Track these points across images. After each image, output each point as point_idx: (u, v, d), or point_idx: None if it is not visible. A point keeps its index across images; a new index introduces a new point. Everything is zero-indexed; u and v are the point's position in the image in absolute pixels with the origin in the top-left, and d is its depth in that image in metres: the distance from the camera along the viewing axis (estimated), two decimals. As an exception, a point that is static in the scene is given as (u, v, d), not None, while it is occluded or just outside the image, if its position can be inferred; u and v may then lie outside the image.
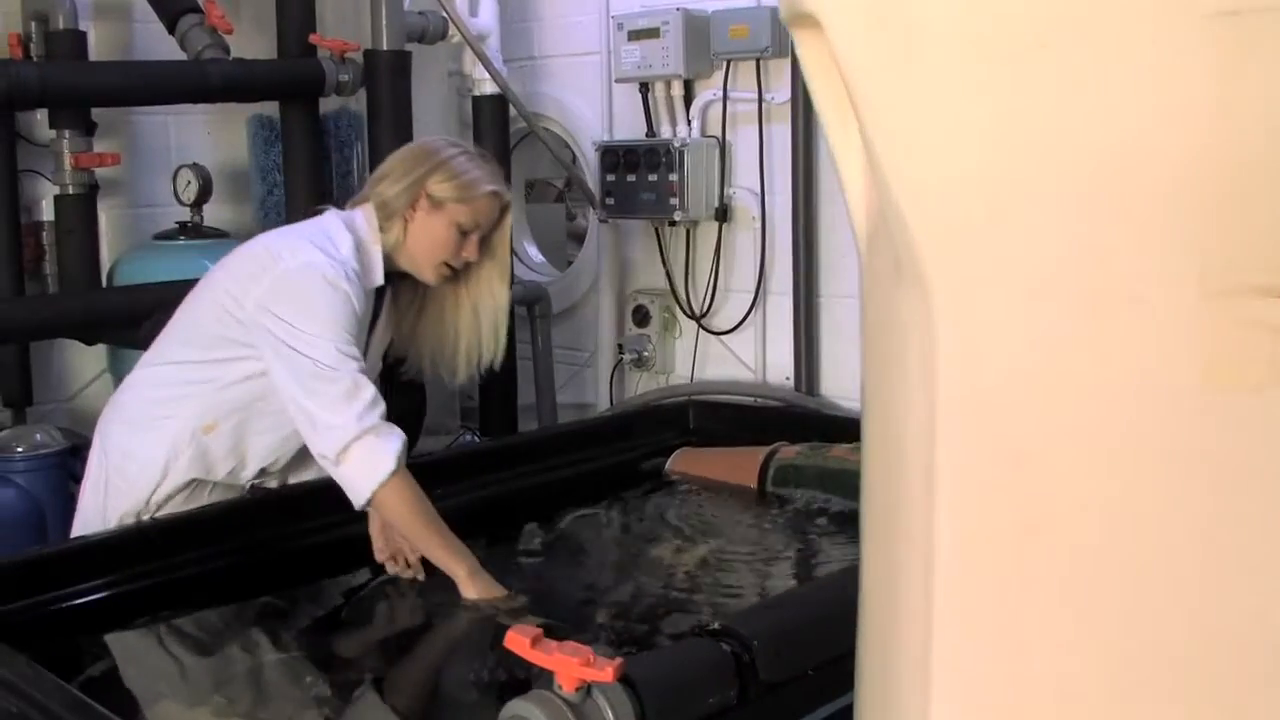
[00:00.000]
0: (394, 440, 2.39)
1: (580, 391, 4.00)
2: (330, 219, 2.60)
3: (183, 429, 2.57)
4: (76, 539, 2.61)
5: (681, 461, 3.36)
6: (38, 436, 3.15)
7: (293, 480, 2.77)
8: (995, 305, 0.93)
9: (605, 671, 1.48)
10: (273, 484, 2.75)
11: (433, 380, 2.97)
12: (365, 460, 2.37)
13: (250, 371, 2.52)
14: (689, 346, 3.79)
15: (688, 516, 3.14)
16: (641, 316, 3.79)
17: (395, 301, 2.74)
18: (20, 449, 3.14)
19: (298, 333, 2.40)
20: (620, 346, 3.79)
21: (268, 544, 2.68)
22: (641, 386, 3.86)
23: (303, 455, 2.66)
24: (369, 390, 2.40)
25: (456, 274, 2.66)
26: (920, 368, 0.97)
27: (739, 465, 3.26)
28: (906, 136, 0.94)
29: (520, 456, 3.22)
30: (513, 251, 2.94)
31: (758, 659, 1.75)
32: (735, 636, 1.79)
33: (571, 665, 1.48)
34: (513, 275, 2.96)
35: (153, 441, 2.58)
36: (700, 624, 1.84)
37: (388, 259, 2.60)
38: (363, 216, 2.59)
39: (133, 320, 3.18)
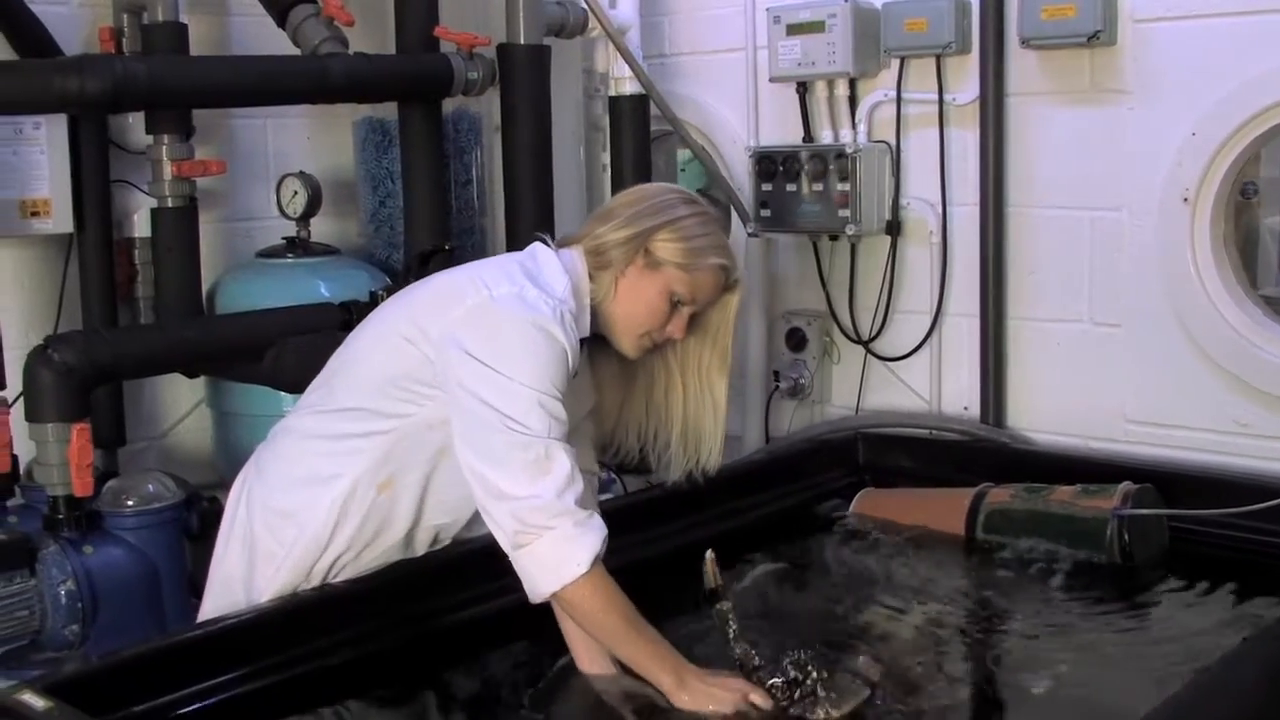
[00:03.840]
0: (592, 533, 2.01)
1: (723, 422, 3.63)
2: (542, 250, 2.22)
3: (355, 488, 2.19)
4: (218, 620, 2.21)
5: (867, 505, 3.01)
6: (150, 487, 2.76)
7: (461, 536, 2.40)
8: None
9: None
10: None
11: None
12: (553, 553, 2.00)
13: (436, 418, 2.13)
14: (847, 373, 3.43)
15: (890, 572, 2.78)
16: (797, 340, 3.43)
17: (593, 369, 2.33)
18: (131, 502, 2.74)
19: (491, 376, 2.01)
20: (776, 374, 3.42)
21: (425, 618, 2.33)
22: (795, 416, 3.49)
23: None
24: (565, 462, 2.01)
25: (659, 349, 2.27)
26: None
27: (939, 509, 2.91)
28: None
29: (679, 506, 2.84)
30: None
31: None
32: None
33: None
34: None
35: (318, 501, 2.21)
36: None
37: (592, 314, 2.21)
38: (573, 258, 2.20)
39: (254, 351, 2.81)
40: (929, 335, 3.26)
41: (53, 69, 2.71)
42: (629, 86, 3.36)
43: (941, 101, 3.17)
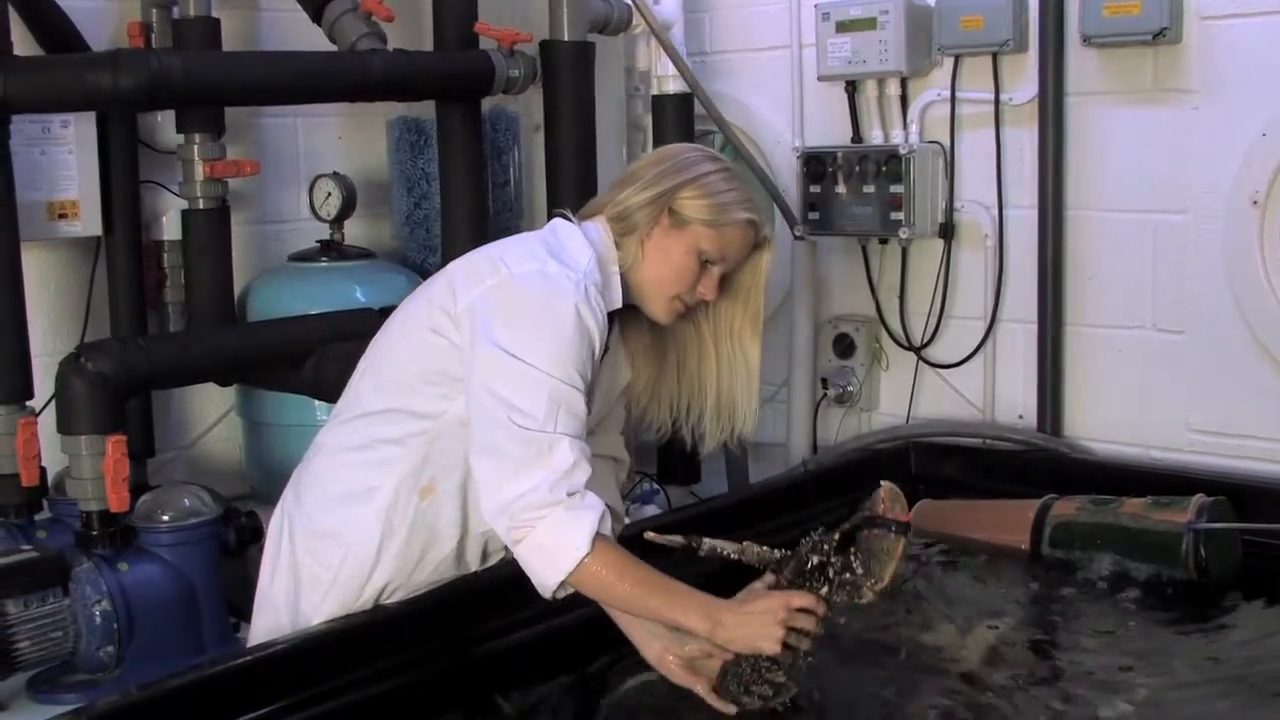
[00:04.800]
0: (586, 512, 1.91)
1: (765, 429, 3.50)
2: (563, 224, 2.13)
3: (396, 497, 2.09)
4: (261, 647, 2.11)
5: (924, 517, 2.89)
6: (186, 501, 2.63)
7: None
8: None
9: None
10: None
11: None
12: (548, 542, 1.91)
13: (469, 414, 2.02)
14: (897, 380, 3.33)
15: (953, 588, 2.68)
16: (845, 346, 3.33)
17: (625, 342, 2.24)
18: (167, 517, 2.61)
19: (507, 362, 1.93)
20: (824, 381, 3.32)
21: (476, 641, 2.22)
22: (843, 424, 3.39)
23: None
24: (567, 455, 1.91)
25: (691, 314, 2.18)
26: None
27: (1002, 522, 2.81)
28: None
29: (723, 521, 2.73)
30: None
31: None
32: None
33: None
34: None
35: (360, 517, 2.11)
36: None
37: (622, 284, 2.12)
38: (597, 229, 2.11)
39: (294, 359, 2.70)
40: (983, 342, 3.16)
41: (85, 65, 2.60)
42: (673, 85, 3.27)
43: (998, 101, 3.07)
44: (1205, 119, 2.83)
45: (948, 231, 3.18)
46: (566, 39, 3.04)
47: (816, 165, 3.21)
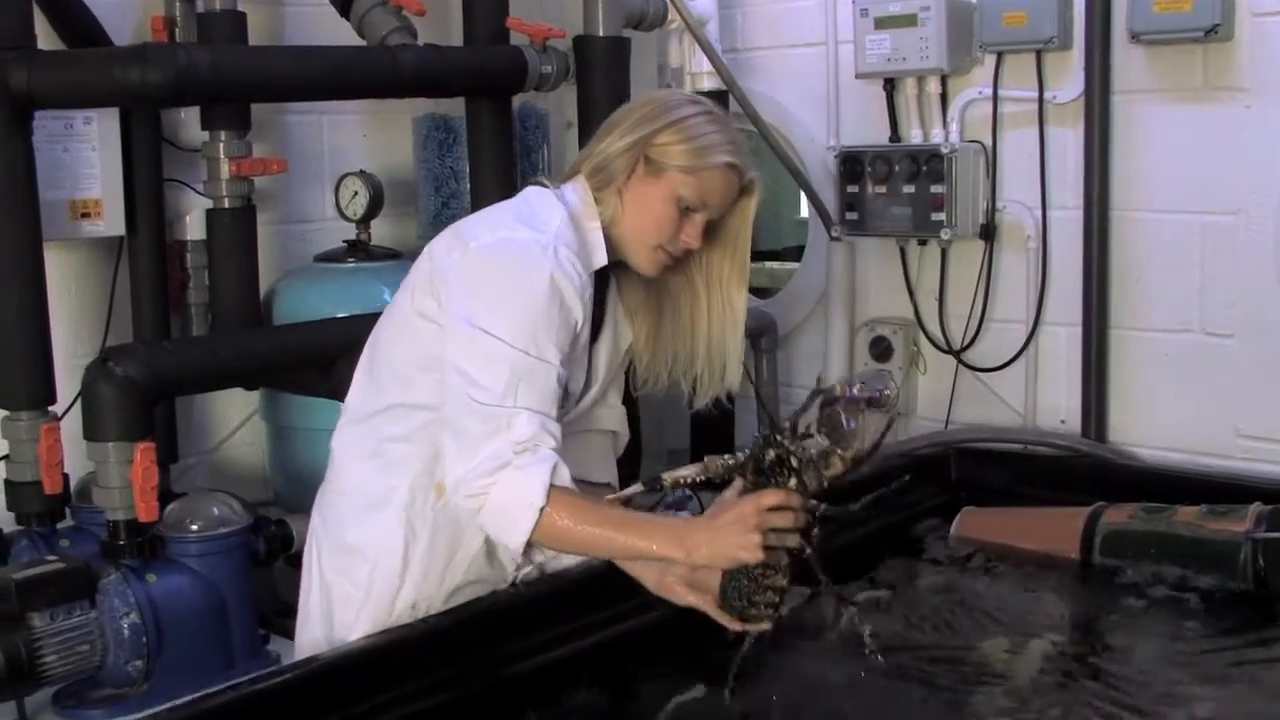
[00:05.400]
0: (537, 467, 1.86)
1: (796, 434, 3.44)
2: (533, 190, 2.06)
3: (413, 497, 2.03)
4: (300, 663, 2.04)
5: (970, 525, 2.83)
6: (215, 510, 2.55)
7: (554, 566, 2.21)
8: None
9: None
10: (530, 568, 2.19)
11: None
12: (504, 503, 1.86)
13: None
14: (935, 384, 3.27)
15: (1000, 598, 2.60)
16: (882, 349, 3.26)
17: (622, 299, 2.17)
18: (195, 526, 2.54)
19: (472, 336, 1.88)
20: (862, 385, 3.25)
21: (507, 660, 2.12)
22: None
23: None
24: (525, 429, 1.86)
25: (682, 264, 2.09)
26: None
27: (1051, 530, 2.74)
28: None
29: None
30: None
31: None
32: None
33: None
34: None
35: (382, 524, 2.05)
36: None
37: (606, 240, 2.03)
38: (573, 189, 2.04)
39: (325, 362, 2.63)
40: (1025, 345, 3.10)
41: (112, 59, 2.52)
42: (707, 82, 3.20)
43: (1041, 99, 3.00)
44: (1257, 118, 2.77)
45: (989, 232, 3.11)
46: (601, 34, 2.96)
47: (854, 165, 3.14)
